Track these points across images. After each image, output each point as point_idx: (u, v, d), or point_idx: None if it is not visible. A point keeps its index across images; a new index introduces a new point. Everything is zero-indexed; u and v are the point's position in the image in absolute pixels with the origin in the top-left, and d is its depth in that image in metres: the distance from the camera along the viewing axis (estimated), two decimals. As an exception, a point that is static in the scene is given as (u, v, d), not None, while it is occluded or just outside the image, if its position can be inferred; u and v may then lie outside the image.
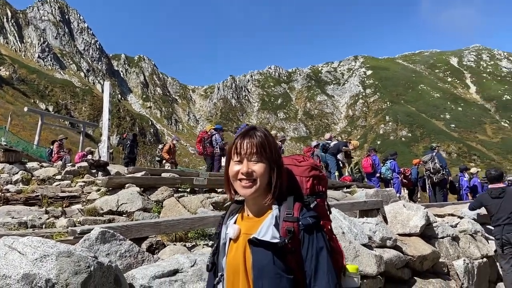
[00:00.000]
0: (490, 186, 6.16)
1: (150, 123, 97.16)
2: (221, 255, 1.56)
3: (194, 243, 4.65)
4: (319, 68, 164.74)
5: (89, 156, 11.84)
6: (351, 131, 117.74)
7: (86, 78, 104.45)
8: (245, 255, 1.45)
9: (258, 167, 1.47)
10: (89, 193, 6.72)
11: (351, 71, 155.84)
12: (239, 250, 1.47)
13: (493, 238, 6.05)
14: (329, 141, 11.39)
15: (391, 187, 11.59)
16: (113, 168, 9.47)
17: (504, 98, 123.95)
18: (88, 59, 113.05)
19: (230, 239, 1.53)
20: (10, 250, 2.32)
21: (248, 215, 1.55)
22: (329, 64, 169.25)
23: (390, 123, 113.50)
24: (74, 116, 72.54)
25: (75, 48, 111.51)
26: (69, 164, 9.92)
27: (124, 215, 5.73)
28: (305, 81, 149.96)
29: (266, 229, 1.44)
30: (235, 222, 1.57)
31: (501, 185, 5.98)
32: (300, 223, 1.43)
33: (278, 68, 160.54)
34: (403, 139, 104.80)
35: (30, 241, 2.36)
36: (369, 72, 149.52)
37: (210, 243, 4.64)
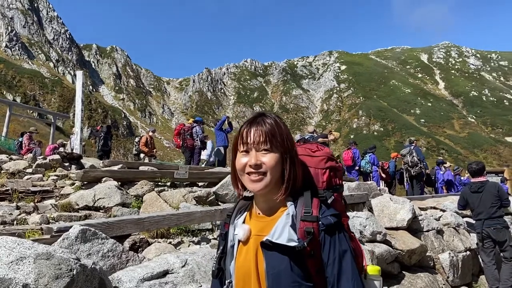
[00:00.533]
0: (471, 180, 6.20)
1: (123, 116, 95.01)
2: (228, 259, 1.35)
3: (178, 240, 4.44)
4: (295, 62, 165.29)
5: (61, 149, 11.33)
6: (326, 125, 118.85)
7: (56, 68, 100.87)
8: (257, 259, 1.26)
9: (268, 158, 1.28)
10: (63, 187, 6.37)
11: (326, 66, 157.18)
12: (250, 254, 1.28)
13: (474, 231, 6.11)
14: (312, 134, 11.30)
15: (370, 180, 11.65)
16: (87, 161, 9.08)
17: (471, 94, 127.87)
18: (57, 49, 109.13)
19: (239, 241, 1.33)
20: (-20, 252, 2.07)
21: (258, 213, 1.36)
22: (305, 58, 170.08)
23: (363, 118, 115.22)
24: (43, 107, 70.05)
25: (44, 38, 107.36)
26: (40, 157, 9.43)
27: (101, 211, 5.45)
28: (281, 75, 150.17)
29: (281, 230, 1.24)
30: (243, 222, 1.37)
31: (481, 179, 6.01)
32: (320, 222, 1.24)
33: (254, 61, 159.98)
34: (375, 133, 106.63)
35: (4, 241, 2.11)
36: (343, 67, 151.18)
37: (195, 239, 4.44)
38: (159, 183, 6.76)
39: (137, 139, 13.55)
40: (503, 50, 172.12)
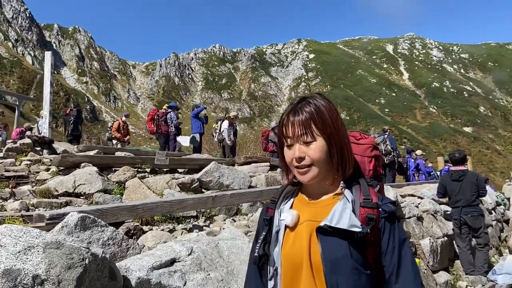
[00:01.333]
0: (452, 168, 6.41)
1: (86, 100, 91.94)
2: (273, 245, 1.29)
3: (164, 227, 4.34)
4: (264, 50, 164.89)
5: (28, 133, 10.79)
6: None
7: (15, 48, 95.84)
8: (311, 246, 1.21)
9: (311, 150, 1.23)
10: (38, 172, 6.09)
11: (295, 54, 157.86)
12: (302, 240, 1.23)
13: (451, 218, 6.36)
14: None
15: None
16: (59, 146, 8.72)
17: (433, 86, 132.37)
18: (17, 28, 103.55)
19: (286, 226, 1.28)
20: (-19, 242, 1.92)
21: (309, 199, 1.31)
22: (274, 46, 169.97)
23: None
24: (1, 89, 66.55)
25: (2, 16, 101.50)
26: (10, 141, 8.95)
27: (82, 197, 5.25)
28: (250, 62, 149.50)
29: (339, 215, 1.20)
30: (291, 207, 1.32)
31: (462, 168, 6.24)
32: (381, 209, 1.21)
33: (223, 47, 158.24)
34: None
35: (8, 229, 1.97)
36: (311, 56, 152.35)
37: (187, 226, 4.36)
38: (139, 170, 6.59)
39: (110, 124, 13.14)
40: (464, 43, 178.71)
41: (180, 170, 7.33)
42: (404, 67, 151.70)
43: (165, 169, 7.12)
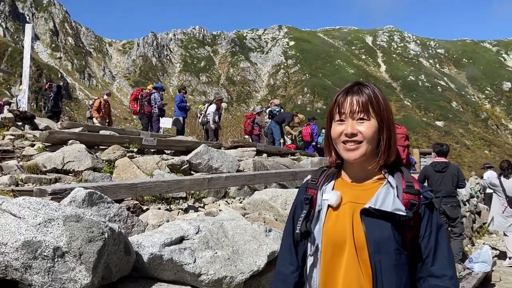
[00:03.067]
0: (435, 159, 6.65)
1: (59, 76, 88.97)
2: (314, 223, 1.36)
3: (159, 207, 4.35)
4: (244, 34, 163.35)
5: (6, 107, 10.45)
6: (271, 100, 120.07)
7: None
8: (353, 226, 1.28)
9: (365, 127, 1.30)
10: (22, 148, 5.96)
11: (275, 40, 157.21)
12: (345, 220, 1.30)
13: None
14: (276, 107, 11.39)
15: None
16: (40, 122, 8.50)
17: (409, 79, 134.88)
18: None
19: (329, 206, 1.34)
20: (0, 213, 1.91)
21: (351, 181, 1.38)
22: (254, 31, 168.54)
23: (308, 95, 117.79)
24: (-32, 60, 63.65)
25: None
26: (-11, 115, 8.64)
27: (70, 174, 5.19)
28: (230, 46, 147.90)
29: (383, 199, 1.27)
30: (332, 189, 1.39)
31: (445, 160, 6.48)
32: (422, 196, 1.29)
33: (202, 29, 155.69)
34: (318, 111, 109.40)
35: (27, 202, 1.97)
36: (291, 43, 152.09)
37: (182, 207, 4.38)
38: (127, 149, 6.53)
39: (90, 102, 12.83)
40: (441, 38, 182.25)
41: (167, 152, 7.30)
42: (382, 59, 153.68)
43: (152, 150, 7.07)
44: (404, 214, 1.24)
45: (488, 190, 12.54)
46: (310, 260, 1.36)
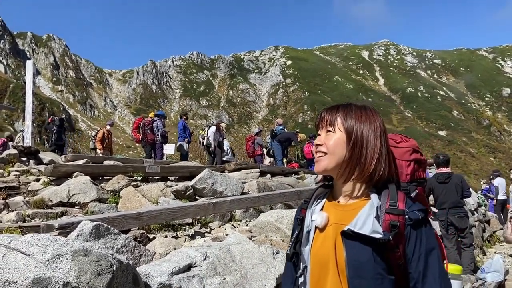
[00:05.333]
0: (437, 170, 6.63)
1: (61, 108, 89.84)
2: (303, 244, 1.35)
3: (165, 234, 4.35)
4: (242, 56, 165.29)
5: (10, 143, 10.57)
6: (272, 119, 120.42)
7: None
8: (336, 248, 1.25)
9: (328, 139, 1.29)
10: (28, 183, 6.00)
11: (272, 60, 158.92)
12: (328, 242, 1.27)
13: (437, 220, 6.57)
14: (279, 127, 11.46)
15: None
16: (45, 156, 8.57)
17: (408, 91, 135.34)
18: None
19: (316, 227, 1.32)
20: (8, 251, 1.94)
21: (338, 201, 1.34)
22: (251, 52, 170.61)
23: (308, 112, 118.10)
24: (-28, 99, 64.54)
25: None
26: (-7, 152, 8.73)
27: (76, 207, 5.21)
28: (228, 69, 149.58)
29: (364, 221, 1.21)
30: (322, 209, 1.36)
31: (447, 170, 6.46)
32: (406, 217, 1.21)
33: (200, 54, 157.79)
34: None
35: (35, 239, 1.99)
36: (289, 62, 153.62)
37: (189, 233, 4.38)
38: (131, 178, 6.57)
39: (93, 133, 12.94)
40: (437, 49, 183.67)
41: (171, 178, 7.32)
42: (379, 73, 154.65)
43: (156, 177, 7.10)
44: (381, 237, 1.18)
45: (501, 197, 12.48)
46: (300, 280, 1.36)
